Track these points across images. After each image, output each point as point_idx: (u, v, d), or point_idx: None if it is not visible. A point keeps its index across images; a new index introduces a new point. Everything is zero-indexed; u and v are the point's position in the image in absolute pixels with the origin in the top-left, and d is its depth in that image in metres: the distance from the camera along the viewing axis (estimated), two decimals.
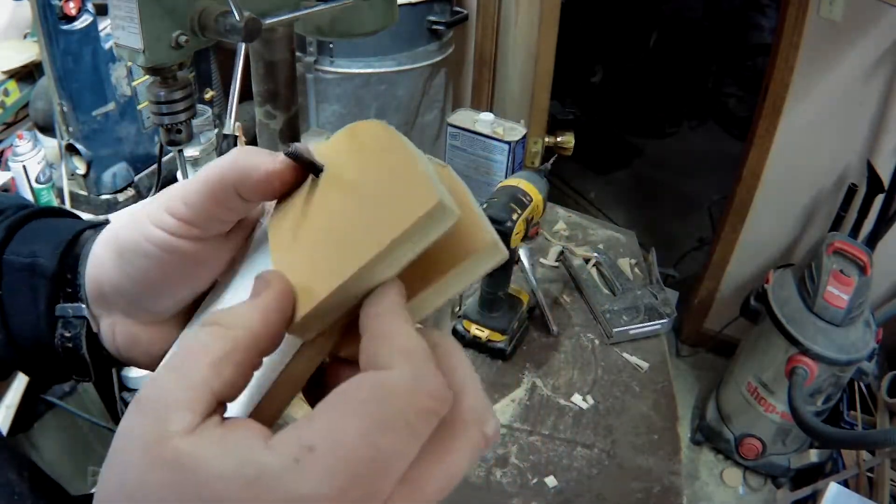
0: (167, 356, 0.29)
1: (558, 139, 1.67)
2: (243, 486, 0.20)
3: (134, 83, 1.29)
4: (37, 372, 0.39)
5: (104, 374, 0.37)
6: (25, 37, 1.54)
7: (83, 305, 0.35)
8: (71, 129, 1.24)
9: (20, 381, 1.15)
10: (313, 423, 0.21)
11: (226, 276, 0.34)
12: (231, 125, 0.96)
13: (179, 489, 0.20)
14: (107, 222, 0.37)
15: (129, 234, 0.32)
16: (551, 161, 1.06)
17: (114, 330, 0.35)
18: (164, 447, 0.21)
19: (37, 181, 1.26)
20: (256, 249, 0.33)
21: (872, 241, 1.72)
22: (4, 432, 1.10)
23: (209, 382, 0.22)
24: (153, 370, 0.34)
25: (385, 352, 0.23)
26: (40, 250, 0.35)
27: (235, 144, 0.97)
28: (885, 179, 1.67)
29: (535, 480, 0.80)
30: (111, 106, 1.27)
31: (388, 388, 0.21)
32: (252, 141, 1.11)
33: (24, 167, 1.24)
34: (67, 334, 0.35)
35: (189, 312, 0.35)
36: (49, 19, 1.13)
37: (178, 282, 0.33)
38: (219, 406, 0.23)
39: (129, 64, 1.26)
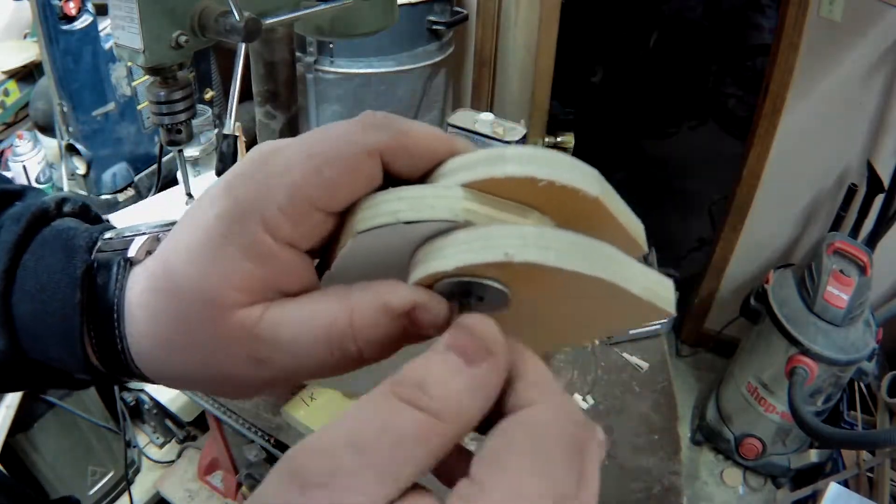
0: (343, 419, 0.20)
1: (558, 139, 1.68)
2: None
3: (134, 83, 1.30)
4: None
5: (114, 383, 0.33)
6: (25, 37, 1.54)
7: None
8: (71, 129, 1.24)
9: None
10: (486, 489, 0.18)
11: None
12: (231, 125, 0.96)
13: None
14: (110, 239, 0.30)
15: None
16: None
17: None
18: None
19: (37, 181, 1.26)
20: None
21: (872, 241, 1.72)
22: (4, 432, 1.10)
23: (403, 475, 0.18)
24: (180, 387, 0.30)
25: (529, 384, 0.21)
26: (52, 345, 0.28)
27: (235, 145, 0.97)
28: (885, 179, 1.67)
29: None
30: (111, 106, 1.27)
31: (548, 427, 0.19)
32: (252, 141, 1.11)
33: (24, 167, 1.24)
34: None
35: None
36: (49, 19, 1.13)
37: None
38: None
39: (130, 64, 1.26)
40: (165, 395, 1.47)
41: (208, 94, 1.48)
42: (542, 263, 0.21)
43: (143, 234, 0.29)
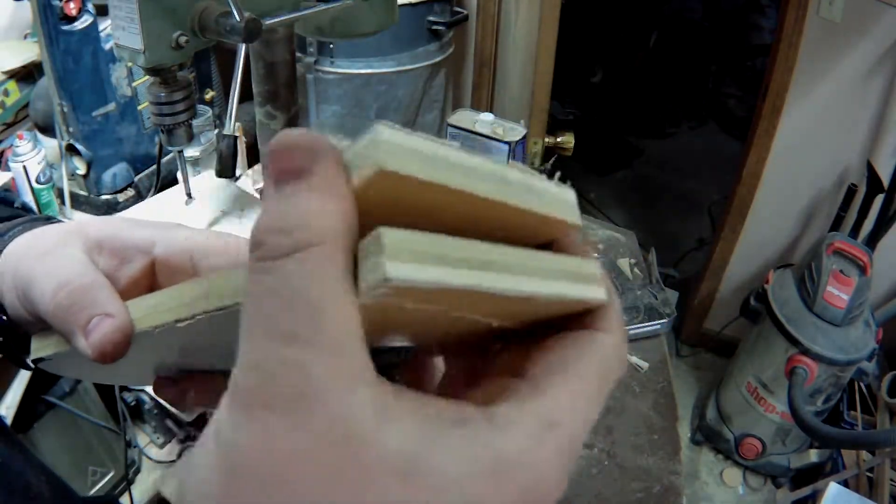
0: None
1: (558, 139, 1.68)
2: (484, 481, 0.16)
3: (134, 83, 1.30)
4: None
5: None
6: (26, 37, 1.54)
7: None
8: (71, 129, 1.24)
9: (20, 381, 1.15)
10: (547, 392, 0.18)
11: None
12: (231, 126, 0.96)
13: None
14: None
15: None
16: (551, 161, 1.06)
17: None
18: (362, 457, 0.15)
19: (37, 181, 1.26)
20: None
21: (872, 241, 1.72)
22: None
23: (354, 336, 0.16)
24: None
25: (607, 313, 0.21)
26: None
27: (235, 145, 0.97)
28: (885, 179, 1.67)
29: None
30: (111, 106, 1.27)
31: (612, 358, 0.20)
32: (252, 141, 1.11)
33: (25, 167, 1.24)
34: None
35: None
36: (49, 20, 1.13)
37: None
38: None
39: (130, 64, 1.26)
40: None
41: (208, 95, 1.48)
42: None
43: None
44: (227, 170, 0.98)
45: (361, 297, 0.16)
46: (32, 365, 0.33)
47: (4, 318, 0.33)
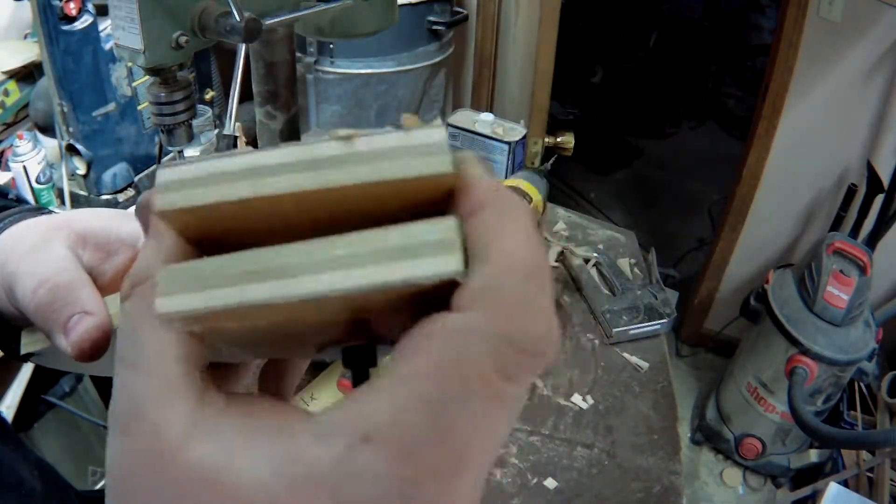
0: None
1: (558, 139, 1.68)
2: (289, 494, 0.15)
3: (134, 83, 1.30)
4: None
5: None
6: (26, 37, 1.54)
7: None
8: (71, 129, 1.24)
9: (20, 381, 1.15)
10: (371, 399, 0.16)
11: None
12: (231, 126, 0.96)
13: None
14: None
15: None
16: (551, 161, 1.06)
17: None
18: (173, 468, 0.16)
19: (37, 181, 1.26)
20: None
21: (872, 241, 1.72)
22: None
23: (170, 355, 0.17)
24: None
25: (470, 285, 0.17)
26: None
27: (235, 145, 0.97)
28: (885, 179, 1.67)
29: (534, 480, 0.80)
30: (111, 106, 1.27)
31: (466, 344, 0.16)
32: (252, 141, 1.11)
33: (25, 167, 1.24)
34: None
35: None
36: (49, 20, 1.13)
37: None
38: (210, 373, 0.18)
39: (130, 64, 1.26)
40: None
41: (209, 95, 1.49)
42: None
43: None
44: None
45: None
46: (25, 360, 0.34)
47: None
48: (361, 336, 0.21)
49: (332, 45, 1.60)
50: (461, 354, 0.16)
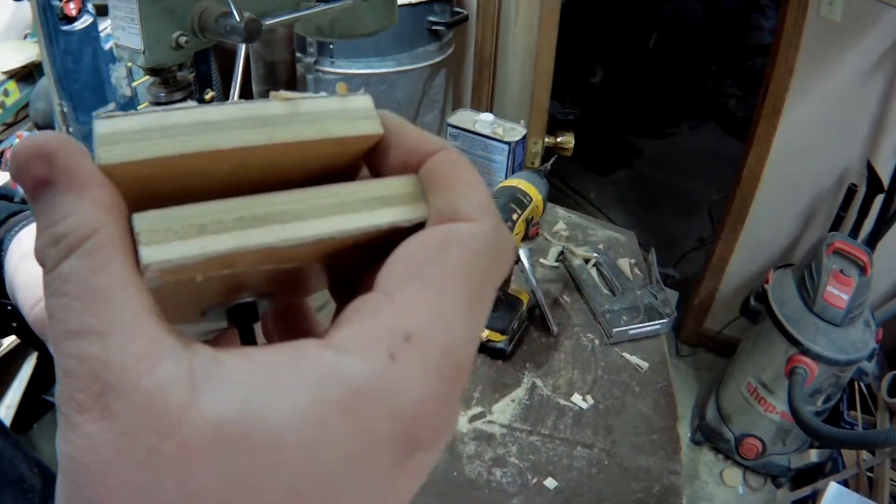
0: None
1: (558, 139, 1.68)
2: (339, 417, 0.14)
3: (134, 84, 1.30)
4: None
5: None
6: (26, 37, 1.54)
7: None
8: (71, 129, 1.24)
9: (20, 381, 1.15)
10: (397, 301, 0.16)
11: None
12: None
13: (241, 481, 0.13)
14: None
15: None
16: (551, 161, 1.06)
17: None
18: (185, 437, 0.13)
19: None
20: None
21: (872, 241, 1.72)
22: None
23: (146, 310, 0.15)
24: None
25: (469, 202, 0.18)
26: None
27: None
28: (885, 179, 1.67)
29: (534, 480, 0.80)
30: (111, 106, 1.28)
31: (478, 248, 0.17)
32: None
33: None
34: None
35: None
36: (49, 20, 1.13)
37: None
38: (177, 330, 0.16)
39: (130, 64, 1.26)
40: None
41: (209, 95, 1.49)
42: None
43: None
44: None
45: (145, 282, 0.16)
46: (47, 350, 0.38)
47: (10, 306, 0.37)
48: (245, 294, 0.21)
49: (332, 45, 1.60)
50: (477, 255, 0.17)
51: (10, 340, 1.13)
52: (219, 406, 0.14)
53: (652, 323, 1.01)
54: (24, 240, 0.35)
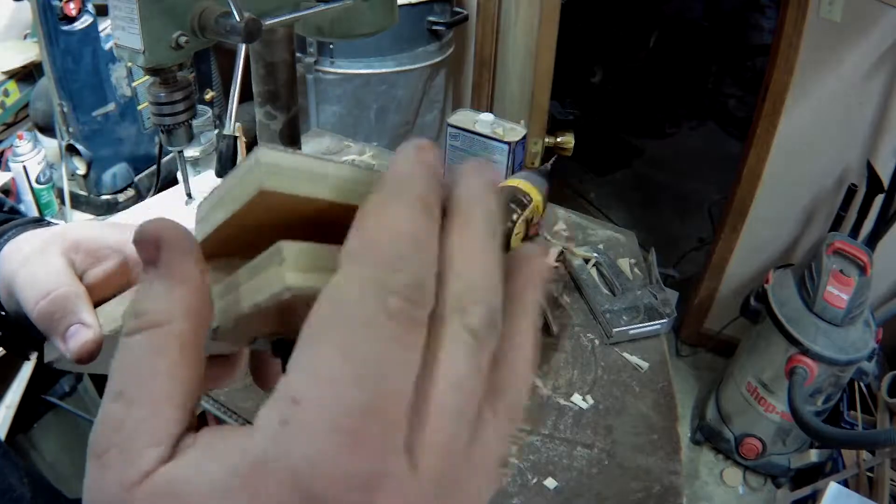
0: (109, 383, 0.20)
1: (558, 139, 1.68)
2: (240, 486, 0.16)
3: (134, 84, 1.30)
4: None
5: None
6: (25, 37, 1.54)
7: None
8: (71, 129, 1.24)
9: (20, 381, 1.15)
10: (288, 376, 0.17)
11: None
12: (231, 126, 0.96)
13: None
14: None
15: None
16: (551, 161, 1.06)
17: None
18: (139, 489, 0.17)
19: (37, 181, 1.26)
20: None
21: (872, 241, 1.72)
22: (4, 432, 1.10)
23: (171, 398, 0.18)
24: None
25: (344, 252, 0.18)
26: None
27: (235, 145, 0.97)
28: (885, 179, 1.67)
29: (534, 480, 0.80)
30: (111, 106, 1.28)
31: (344, 300, 0.17)
32: (252, 141, 1.11)
33: (25, 167, 1.24)
34: None
35: None
36: (49, 20, 1.13)
37: None
38: (190, 419, 0.19)
39: (130, 64, 1.26)
40: None
41: (209, 95, 1.49)
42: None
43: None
44: (227, 170, 0.99)
45: (263, 302, 0.19)
46: (29, 359, 0.39)
47: (3, 313, 0.38)
48: (287, 332, 0.23)
49: (332, 45, 1.60)
50: (345, 307, 0.17)
51: None
52: (170, 474, 0.17)
53: (652, 323, 1.01)
54: (25, 246, 0.36)
